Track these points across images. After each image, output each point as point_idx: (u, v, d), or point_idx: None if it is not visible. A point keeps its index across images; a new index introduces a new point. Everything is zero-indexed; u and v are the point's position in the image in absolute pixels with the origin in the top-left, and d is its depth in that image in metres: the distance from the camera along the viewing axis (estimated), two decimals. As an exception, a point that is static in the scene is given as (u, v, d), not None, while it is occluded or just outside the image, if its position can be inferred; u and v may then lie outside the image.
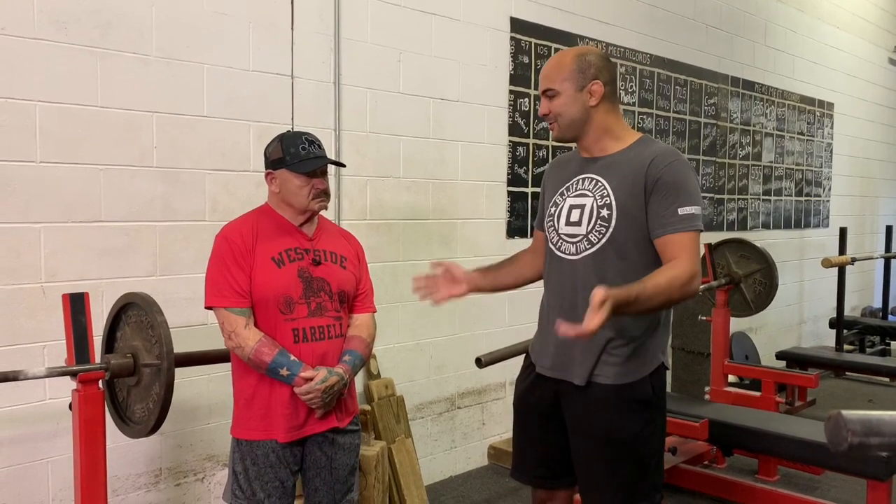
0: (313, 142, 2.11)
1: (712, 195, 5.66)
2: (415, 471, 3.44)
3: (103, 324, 2.24)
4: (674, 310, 2.11)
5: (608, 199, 1.95)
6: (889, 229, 7.24)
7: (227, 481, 2.19)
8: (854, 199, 7.83)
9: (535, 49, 4.17)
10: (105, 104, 2.62)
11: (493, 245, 4.02)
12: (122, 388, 2.20)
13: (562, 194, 2.08)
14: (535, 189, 4.18)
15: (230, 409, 2.16)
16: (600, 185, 1.98)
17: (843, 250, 6.22)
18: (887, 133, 8.42)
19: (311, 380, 2.01)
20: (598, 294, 1.61)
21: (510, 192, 4.10)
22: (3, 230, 2.43)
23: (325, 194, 2.11)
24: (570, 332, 1.64)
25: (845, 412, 0.90)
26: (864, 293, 8.20)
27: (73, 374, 2.02)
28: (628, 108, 4.83)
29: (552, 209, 2.09)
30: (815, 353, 6.15)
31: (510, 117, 4.06)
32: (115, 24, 2.62)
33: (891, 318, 7.65)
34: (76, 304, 2.03)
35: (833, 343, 6.63)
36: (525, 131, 4.15)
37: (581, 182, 2.03)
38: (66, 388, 2.24)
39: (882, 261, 7.30)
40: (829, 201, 7.35)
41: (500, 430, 4.15)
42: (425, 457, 3.73)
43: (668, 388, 2.17)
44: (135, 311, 2.12)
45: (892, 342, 7.14)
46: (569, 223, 2.02)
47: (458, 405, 3.95)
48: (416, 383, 3.71)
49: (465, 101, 3.84)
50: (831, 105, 7.24)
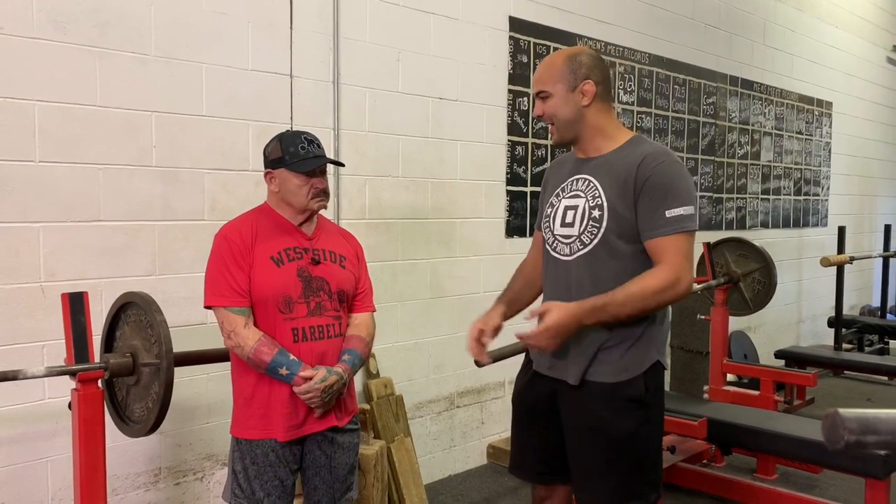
0: (312, 141, 2.11)
1: (711, 194, 5.67)
2: (414, 470, 3.44)
3: (102, 323, 2.24)
4: (672, 308, 2.11)
5: (599, 199, 1.96)
6: (888, 228, 7.24)
7: (226, 480, 2.19)
8: (853, 199, 7.83)
9: (533, 48, 4.17)
10: (104, 104, 2.62)
11: (492, 244, 4.03)
12: (121, 388, 2.20)
13: (557, 195, 2.09)
14: (534, 188, 4.18)
15: (229, 408, 2.16)
16: (592, 185, 1.99)
17: (841, 249, 6.22)
18: (886, 132, 8.43)
19: (311, 379, 2.01)
20: (547, 319, 1.77)
21: (509, 192, 4.10)
22: (1, 230, 2.43)
23: (324, 194, 2.12)
24: (529, 341, 1.78)
25: (842, 410, 0.91)
26: (863, 292, 8.21)
27: (72, 374, 2.02)
28: (627, 107, 4.83)
29: (548, 210, 2.10)
30: (813, 351, 6.15)
31: (509, 116, 4.07)
32: (113, 23, 2.62)
33: (889, 316, 7.67)
34: (75, 304, 2.03)
35: (832, 342, 6.64)
36: (524, 130, 4.15)
37: (575, 182, 2.04)
38: (65, 387, 2.25)
39: (880, 260, 7.30)
40: (827, 200, 7.35)
41: (499, 429, 4.15)
42: (424, 456, 3.73)
43: (666, 386, 2.18)
44: (134, 311, 2.12)
45: (891, 341, 7.14)
46: (563, 224, 2.03)
47: (458, 404, 3.95)
48: (416, 382, 3.71)
49: (464, 101, 3.84)
50: (830, 104, 7.25)
